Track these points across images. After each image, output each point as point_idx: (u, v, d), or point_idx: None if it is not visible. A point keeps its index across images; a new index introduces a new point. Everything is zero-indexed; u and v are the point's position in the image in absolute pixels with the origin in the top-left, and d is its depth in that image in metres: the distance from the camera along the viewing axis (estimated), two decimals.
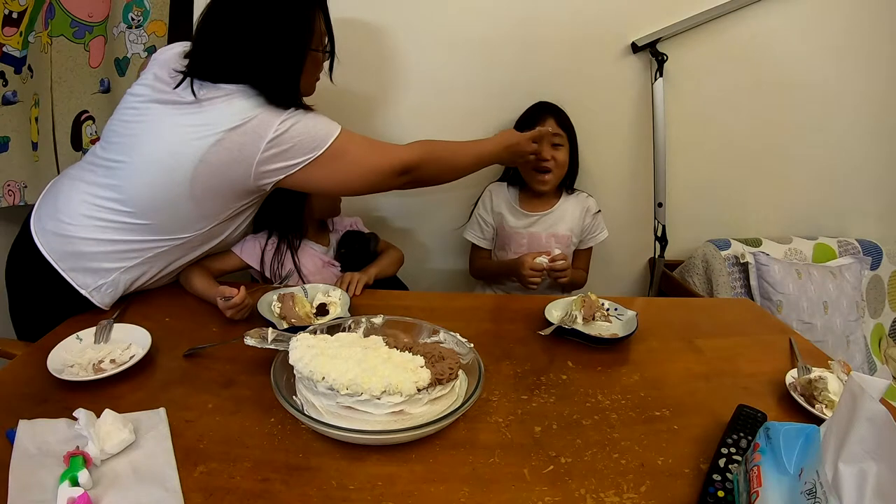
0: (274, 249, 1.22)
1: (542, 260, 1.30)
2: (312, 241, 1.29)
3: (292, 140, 0.97)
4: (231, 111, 0.95)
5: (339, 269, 1.29)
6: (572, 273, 1.45)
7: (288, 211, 1.22)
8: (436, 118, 1.55)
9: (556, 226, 1.47)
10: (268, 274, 1.21)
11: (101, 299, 1.01)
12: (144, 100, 1.00)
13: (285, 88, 0.99)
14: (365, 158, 1.05)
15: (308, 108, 1.02)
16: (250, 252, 1.20)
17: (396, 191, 1.15)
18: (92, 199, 0.99)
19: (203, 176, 0.95)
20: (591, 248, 1.54)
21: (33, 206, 1.06)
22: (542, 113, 1.45)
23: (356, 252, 1.31)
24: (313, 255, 1.27)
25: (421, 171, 1.11)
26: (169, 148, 0.96)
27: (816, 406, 0.81)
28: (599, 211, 1.51)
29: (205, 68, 0.97)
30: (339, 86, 1.12)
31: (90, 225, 0.99)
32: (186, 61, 1.00)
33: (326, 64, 1.11)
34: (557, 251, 1.34)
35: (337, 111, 1.06)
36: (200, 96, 0.96)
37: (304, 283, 1.17)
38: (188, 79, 0.97)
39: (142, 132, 0.98)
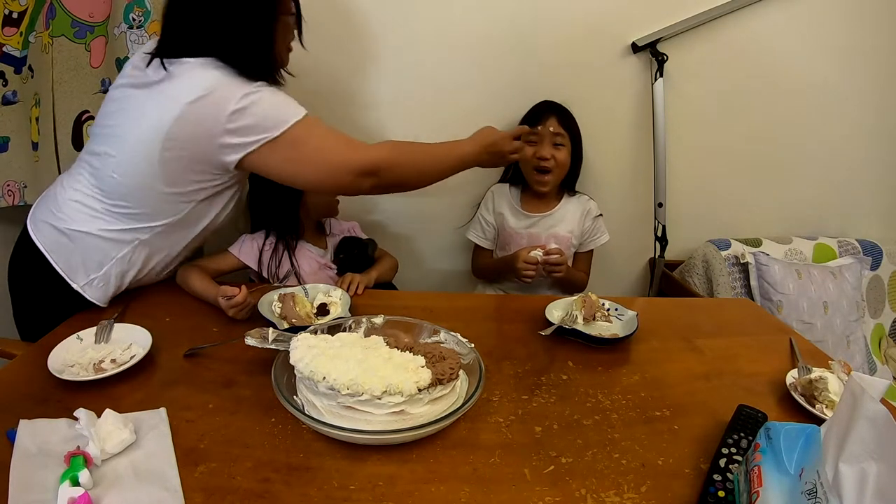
0: (272, 250, 1.22)
1: (537, 253, 1.30)
2: (310, 242, 1.29)
3: (253, 116, 0.92)
4: (191, 84, 0.92)
5: (336, 272, 1.29)
6: (572, 273, 1.45)
7: (283, 210, 1.22)
8: (435, 118, 1.55)
9: (557, 227, 1.47)
10: (265, 274, 1.21)
11: (93, 294, 1.01)
12: (123, 88, 1.00)
13: (259, 57, 0.96)
14: (325, 151, 0.98)
15: (278, 84, 0.99)
16: (248, 252, 1.20)
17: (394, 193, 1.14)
18: (79, 188, 1.01)
19: (170, 152, 0.94)
20: (591, 252, 1.54)
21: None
22: (544, 112, 1.44)
23: (354, 257, 1.32)
24: (310, 258, 1.27)
25: (389, 174, 1.02)
26: (140, 130, 0.95)
27: (817, 406, 0.81)
28: (601, 215, 1.51)
29: (173, 45, 0.96)
30: (338, 86, 1.12)
31: (77, 215, 1.00)
32: None
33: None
34: (554, 246, 1.33)
35: (336, 111, 1.06)
36: (169, 72, 0.94)
37: (302, 283, 1.17)
38: (157, 58, 0.95)
39: (120, 120, 0.98)
